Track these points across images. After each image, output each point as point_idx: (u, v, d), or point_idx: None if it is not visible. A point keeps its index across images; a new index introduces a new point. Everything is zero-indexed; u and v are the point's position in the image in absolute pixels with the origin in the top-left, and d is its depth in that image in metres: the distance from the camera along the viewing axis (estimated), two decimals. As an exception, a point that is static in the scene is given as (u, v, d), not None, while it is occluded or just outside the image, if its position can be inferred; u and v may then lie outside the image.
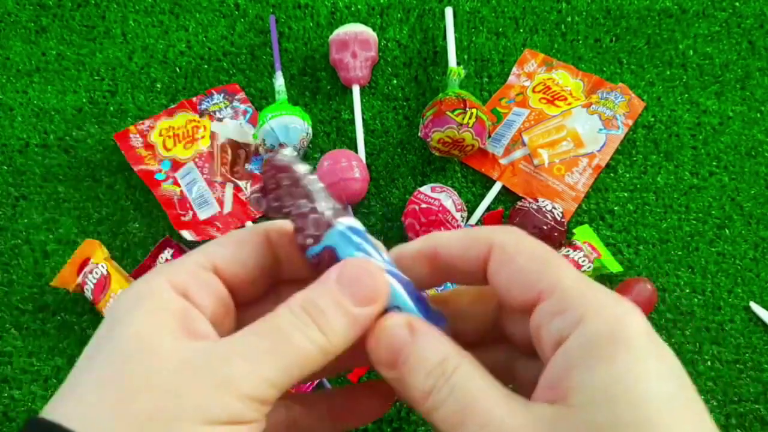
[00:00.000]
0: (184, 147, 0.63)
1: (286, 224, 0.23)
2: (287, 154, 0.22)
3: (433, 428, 0.20)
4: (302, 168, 0.22)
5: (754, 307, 0.56)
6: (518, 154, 0.62)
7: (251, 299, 0.23)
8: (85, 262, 0.55)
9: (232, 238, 0.22)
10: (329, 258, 0.21)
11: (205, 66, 0.68)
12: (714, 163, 0.62)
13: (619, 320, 0.18)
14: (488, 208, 0.61)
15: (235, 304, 0.23)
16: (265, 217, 0.61)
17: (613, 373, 0.17)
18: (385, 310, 0.21)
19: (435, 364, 0.19)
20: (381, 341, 0.20)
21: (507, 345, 0.24)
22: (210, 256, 0.22)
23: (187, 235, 0.57)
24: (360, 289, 0.20)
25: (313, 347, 0.19)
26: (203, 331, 0.20)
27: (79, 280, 0.55)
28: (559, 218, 0.55)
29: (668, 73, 0.66)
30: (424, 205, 0.55)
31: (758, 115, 0.64)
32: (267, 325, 0.19)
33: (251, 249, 0.22)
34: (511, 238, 0.21)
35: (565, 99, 0.64)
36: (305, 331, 0.19)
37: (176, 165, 0.62)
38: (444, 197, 0.55)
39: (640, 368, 0.17)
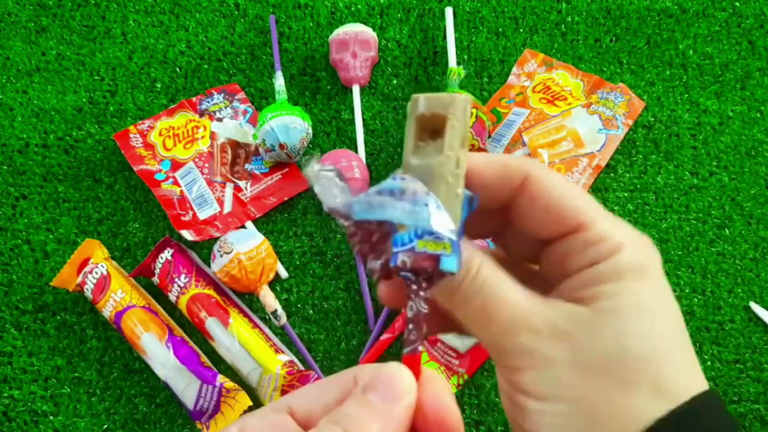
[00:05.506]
0: (184, 147, 0.63)
1: (375, 367, 0.23)
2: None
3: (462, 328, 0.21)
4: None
5: (754, 307, 0.56)
6: (518, 154, 0.62)
7: None
8: (85, 262, 0.55)
9: (320, 381, 0.23)
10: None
11: (205, 66, 0.68)
12: (714, 163, 0.62)
13: (649, 257, 0.21)
14: (488, 208, 0.61)
15: None
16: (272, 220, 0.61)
17: (643, 295, 0.20)
18: None
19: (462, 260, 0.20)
20: None
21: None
22: (289, 398, 0.22)
23: (187, 235, 0.57)
24: (391, 389, 0.20)
25: None
26: None
27: (79, 280, 0.55)
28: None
29: (668, 73, 0.66)
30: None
31: (758, 115, 0.64)
32: None
33: (334, 390, 0.22)
34: (545, 172, 0.22)
35: (565, 99, 0.64)
36: None
37: (176, 165, 0.62)
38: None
39: (661, 300, 0.20)
